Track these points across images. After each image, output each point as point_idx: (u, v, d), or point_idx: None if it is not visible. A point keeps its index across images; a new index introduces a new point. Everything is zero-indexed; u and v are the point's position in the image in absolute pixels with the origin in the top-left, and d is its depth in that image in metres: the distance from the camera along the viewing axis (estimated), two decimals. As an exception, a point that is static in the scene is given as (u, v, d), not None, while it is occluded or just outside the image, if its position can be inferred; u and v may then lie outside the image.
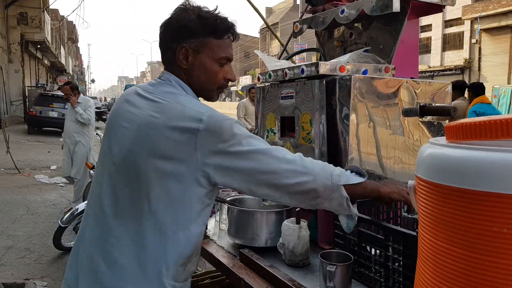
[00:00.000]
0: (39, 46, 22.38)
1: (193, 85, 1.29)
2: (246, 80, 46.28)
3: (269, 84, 2.01)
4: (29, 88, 20.05)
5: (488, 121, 0.74)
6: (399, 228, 1.32)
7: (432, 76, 25.78)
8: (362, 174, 1.28)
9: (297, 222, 1.55)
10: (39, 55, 24.24)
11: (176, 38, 1.25)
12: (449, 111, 1.70)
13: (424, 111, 1.75)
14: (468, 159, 0.73)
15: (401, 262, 1.25)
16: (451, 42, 26.60)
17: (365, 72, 1.73)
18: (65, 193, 6.72)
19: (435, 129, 1.83)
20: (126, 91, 1.34)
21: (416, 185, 0.90)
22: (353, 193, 1.24)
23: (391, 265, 1.28)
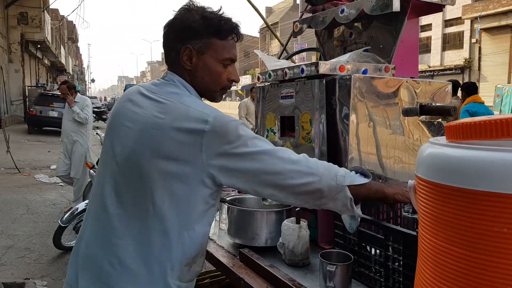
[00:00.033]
0: (39, 46, 22.39)
1: (197, 85, 1.28)
2: (246, 80, 46.26)
3: (269, 83, 2.01)
4: (29, 87, 20.06)
5: (488, 121, 0.74)
6: (399, 228, 1.32)
7: (432, 76, 25.78)
8: (366, 175, 1.29)
9: (297, 222, 1.55)
10: (39, 54, 24.25)
11: (180, 38, 1.25)
12: (449, 110, 1.70)
13: (424, 110, 1.75)
14: (468, 158, 0.73)
15: (401, 262, 1.25)
16: (451, 42, 26.60)
17: (365, 72, 1.73)
18: (65, 193, 6.71)
19: (435, 129, 1.82)
20: (128, 90, 1.33)
21: (416, 185, 0.89)
22: (357, 194, 1.25)
23: (391, 265, 1.28)
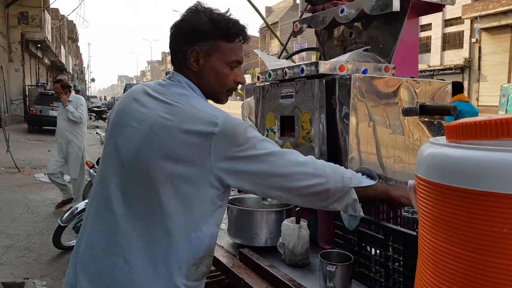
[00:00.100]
0: (39, 45, 22.38)
1: (203, 87, 1.28)
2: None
3: (268, 83, 2.01)
4: (29, 87, 20.05)
5: (489, 120, 0.74)
6: (399, 228, 1.32)
7: (432, 76, 25.78)
8: (373, 176, 1.30)
9: (297, 222, 1.55)
10: (39, 54, 24.24)
11: (187, 40, 1.24)
12: (449, 110, 1.70)
13: (424, 110, 1.75)
14: (468, 158, 0.73)
15: (401, 262, 1.25)
16: (451, 41, 26.60)
17: (365, 72, 1.73)
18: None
19: (435, 129, 1.82)
20: (132, 89, 1.32)
21: (416, 185, 0.89)
22: (364, 195, 1.26)
23: (391, 265, 1.28)
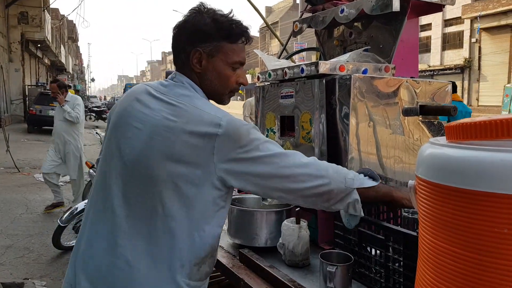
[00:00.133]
0: (39, 45, 22.38)
1: (206, 88, 1.28)
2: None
3: (268, 83, 2.01)
4: (29, 87, 20.04)
5: (489, 121, 0.74)
6: (399, 228, 1.32)
7: (432, 76, 25.79)
8: (375, 178, 1.31)
9: (297, 222, 1.55)
10: (39, 54, 24.24)
11: (190, 41, 1.24)
12: (449, 110, 1.70)
13: (424, 110, 1.75)
14: (468, 159, 0.73)
15: (401, 262, 1.25)
16: (451, 41, 26.61)
17: (365, 72, 1.72)
18: (64, 193, 6.70)
19: (435, 129, 1.82)
20: (134, 89, 1.32)
21: (416, 185, 0.89)
22: (366, 196, 1.27)
23: (391, 266, 1.28)
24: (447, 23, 26.50)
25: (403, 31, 1.88)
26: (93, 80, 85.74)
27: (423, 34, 26.38)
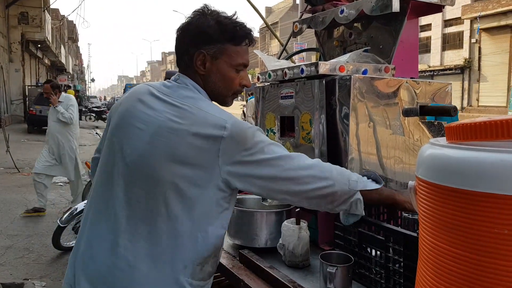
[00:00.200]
0: (39, 46, 22.38)
1: (209, 90, 1.28)
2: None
3: (268, 83, 2.01)
4: (29, 87, 20.03)
5: (489, 121, 0.74)
6: (399, 229, 1.32)
7: (432, 76, 25.80)
8: (378, 181, 1.32)
9: (297, 223, 1.55)
10: (39, 54, 24.24)
11: (194, 43, 1.24)
12: (449, 111, 1.69)
13: (424, 111, 1.75)
14: (468, 160, 0.73)
15: (401, 263, 1.24)
16: (450, 42, 26.62)
17: (364, 72, 1.72)
18: (64, 193, 6.71)
19: (436, 129, 1.82)
20: (136, 89, 1.31)
21: (416, 186, 0.89)
22: (369, 199, 1.30)
23: (391, 267, 1.28)
24: (447, 23, 26.51)
25: (403, 31, 1.88)
26: (93, 80, 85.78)
27: (423, 35, 26.39)
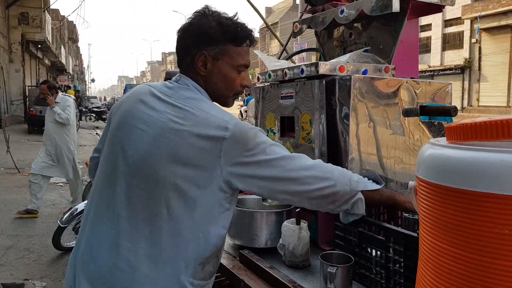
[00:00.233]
0: (39, 46, 22.38)
1: (210, 90, 1.29)
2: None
3: (268, 84, 2.01)
4: (29, 87, 20.04)
5: (489, 122, 0.74)
6: (400, 229, 1.32)
7: (432, 76, 25.79)
8: (378, 181, 1.33)
9: (297, 223, 1.55)
10: (39, 54, 24.24)
11: (196, 44, 1.25)
12: (449, 111, 1.69)
13: (425, 111, 1.75)
14: (468, 160, 0.73)
15: (402, 263, 1.24)
16: (451, 42, 26.61)
17: (365, 72, 1.72)
18: (64, 193, 6.70)
19: (436, 129, 1.82)
20: (137, 90, 1.31)
21: (416, 186, 0.89)
22: (371, 199, 1.30)
23: (392, 267, 1.28)
24: (447, 23, 26.51)
25: (403, 31, 1.88)
26: (93, 80, 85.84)
27: (423, 35, 26.39)
